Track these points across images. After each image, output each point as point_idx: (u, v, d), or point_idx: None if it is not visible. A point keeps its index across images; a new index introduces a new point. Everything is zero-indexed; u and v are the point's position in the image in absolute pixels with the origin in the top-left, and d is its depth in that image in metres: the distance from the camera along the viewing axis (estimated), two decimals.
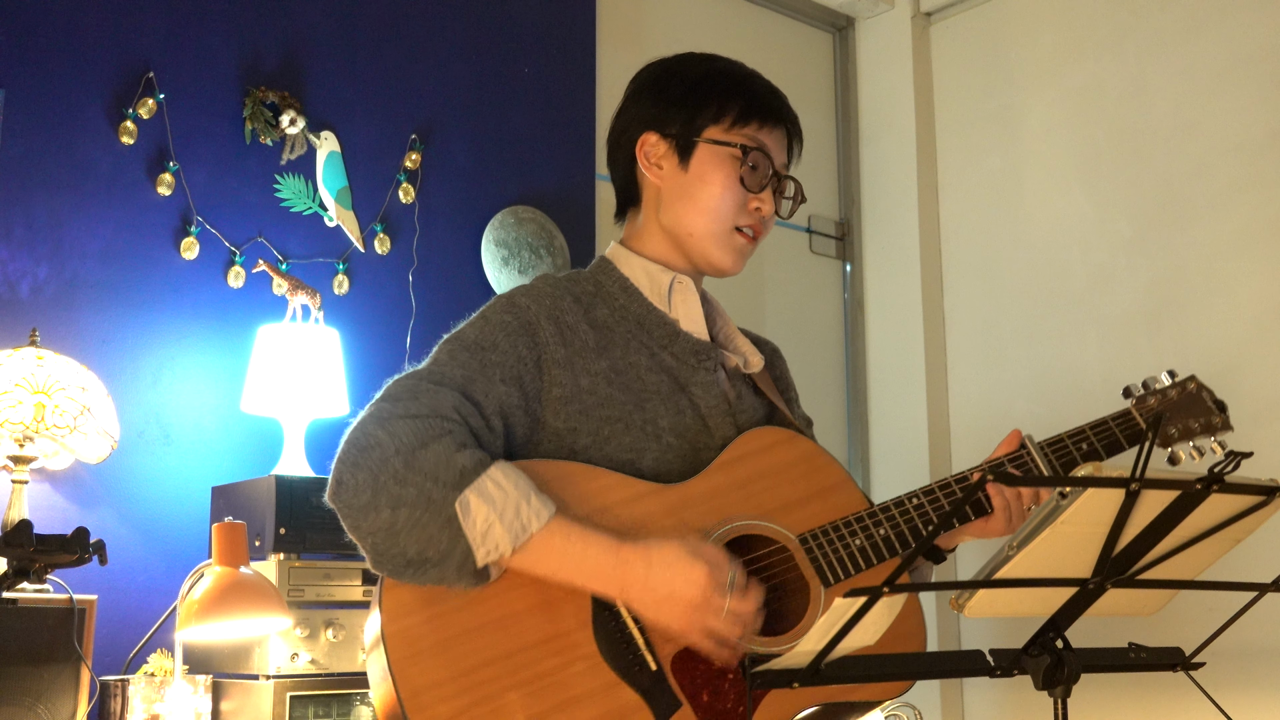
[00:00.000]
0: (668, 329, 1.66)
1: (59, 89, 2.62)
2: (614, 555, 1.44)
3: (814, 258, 4.05)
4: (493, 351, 1.54)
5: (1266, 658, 3.04)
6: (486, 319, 1.59)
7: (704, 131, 1.65)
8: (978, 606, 1.13)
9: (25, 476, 2.31)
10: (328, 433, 2.82)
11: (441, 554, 1.41)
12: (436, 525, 1.40)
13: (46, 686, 2.13)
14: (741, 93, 1.67)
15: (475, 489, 1.41)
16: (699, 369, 1.65)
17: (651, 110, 1.69)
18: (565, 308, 1.62)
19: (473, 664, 1.42)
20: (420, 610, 1.44)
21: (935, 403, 3.85)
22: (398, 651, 1.42)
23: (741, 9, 3.94)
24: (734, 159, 1.65)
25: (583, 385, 1.57)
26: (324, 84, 3.00)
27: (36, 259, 2.56)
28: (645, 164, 1.69)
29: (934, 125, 4.03)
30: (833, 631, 1.10)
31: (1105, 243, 3.55)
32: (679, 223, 1.67)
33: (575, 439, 1.56)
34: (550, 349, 1.57)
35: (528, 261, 3.23)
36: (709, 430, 1.63)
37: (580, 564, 1.44)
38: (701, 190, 1.65)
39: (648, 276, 1.69)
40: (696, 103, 1.66)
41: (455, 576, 1.43)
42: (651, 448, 1.58)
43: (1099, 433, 1.69)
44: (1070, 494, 1.04)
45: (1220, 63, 3.37)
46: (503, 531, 1.41)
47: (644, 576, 1.44)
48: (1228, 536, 1.14)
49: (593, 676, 1.44)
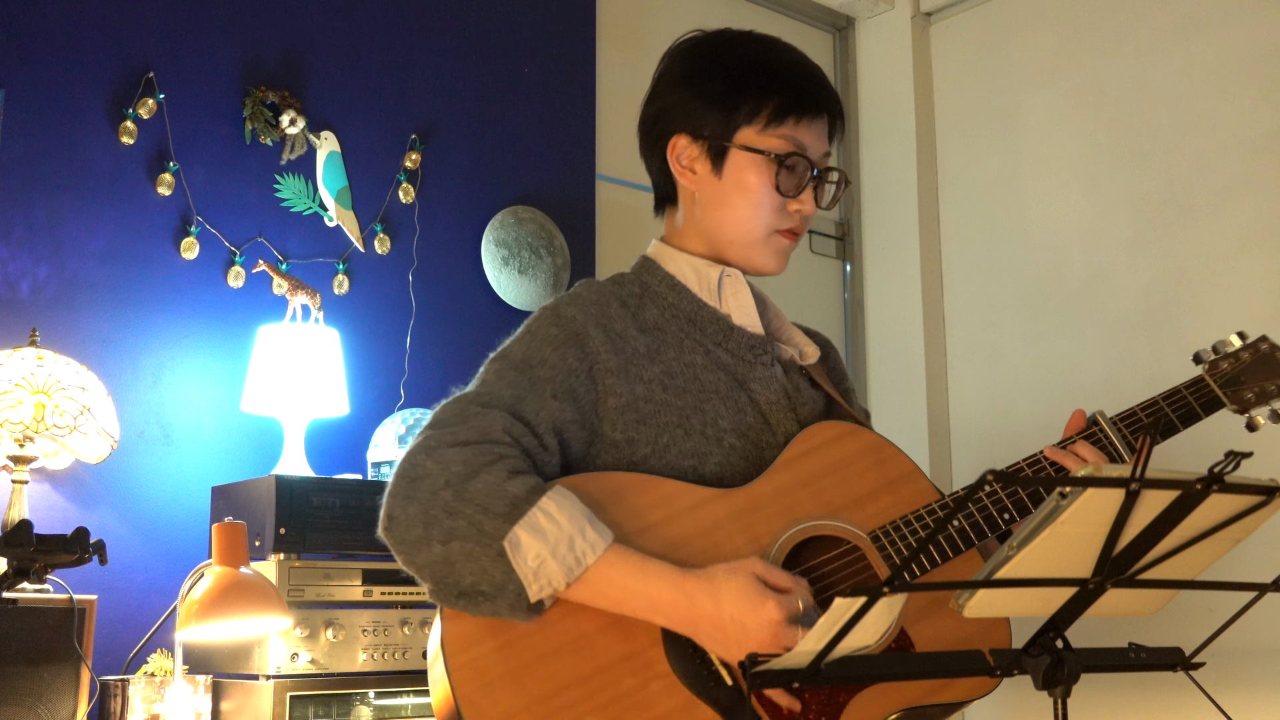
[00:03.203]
0: (721, 325, 1.61)
1: (59, 89, 2.62)
2: (679, 590, 1.38)
3: (814, 258, 4.06)
4: (541, 367, 1.49)
5: (1266, 658, 3.04)
6: (533, 334, 1.53)
7: (737, 135, 1.58)
8: (978, 606, 1.13)
9: (25, 476, 2.31)
10: (328, 433, 2.82)
11: (495, 587, 1.36)
12: (489, 558, 1.35)
13: (46, 686, 2.13)
14: (778, 88, 1.59)
15: (525, 524, 1.35)
16: (756, 364, 1.61)
17: (684, 106, 1.61)
18: (613, 314, 1.57)
19: (549, 690, 1.37)
20: (488, 639, 1.39)
21: (935, 403, 3.85)
22: (465, 685, 1.36)
23: (741, 9, 3.94)
24: (769, 165, 1.58)
25: (638, 393, 1.52)
26: (324, 84, 3.00)
27: (36, 259, 2.56)
28: (678, 168, 1.63)
29: (934, 125, 4.03)
30: (833, 631, 1.10)
31: (1105, 243, 3.55)
32: (718, 230, 1.62)
33: (634, 449, 1.51)
34: (602, 358, 1.51)
35: (528, 261, 3.23)
36: (770, 427, 1.58)
37: (644, 599, 1.39)
38: (737, 198, 1.59)
39: (695, 272, 1.64)
40: (730, 103, 1.59)
41: (509, 612, 1.38)
42: (714, 452, 1.53)
43: (1173, 402, 1.63)
44: (1070, 494, 1.04)
45: (1220, 63, 3.37)
46: (556, 567, 1.36)
47: (713, 614, 1.38)
48: (1228, 536, 1.14)
49: (670, 696, 1.39)
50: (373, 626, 2.35)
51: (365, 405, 2.89)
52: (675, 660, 1.41)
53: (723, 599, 1.37)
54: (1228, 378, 1.64)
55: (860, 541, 1.52)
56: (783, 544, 1.49)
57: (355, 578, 2.37)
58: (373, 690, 2.34)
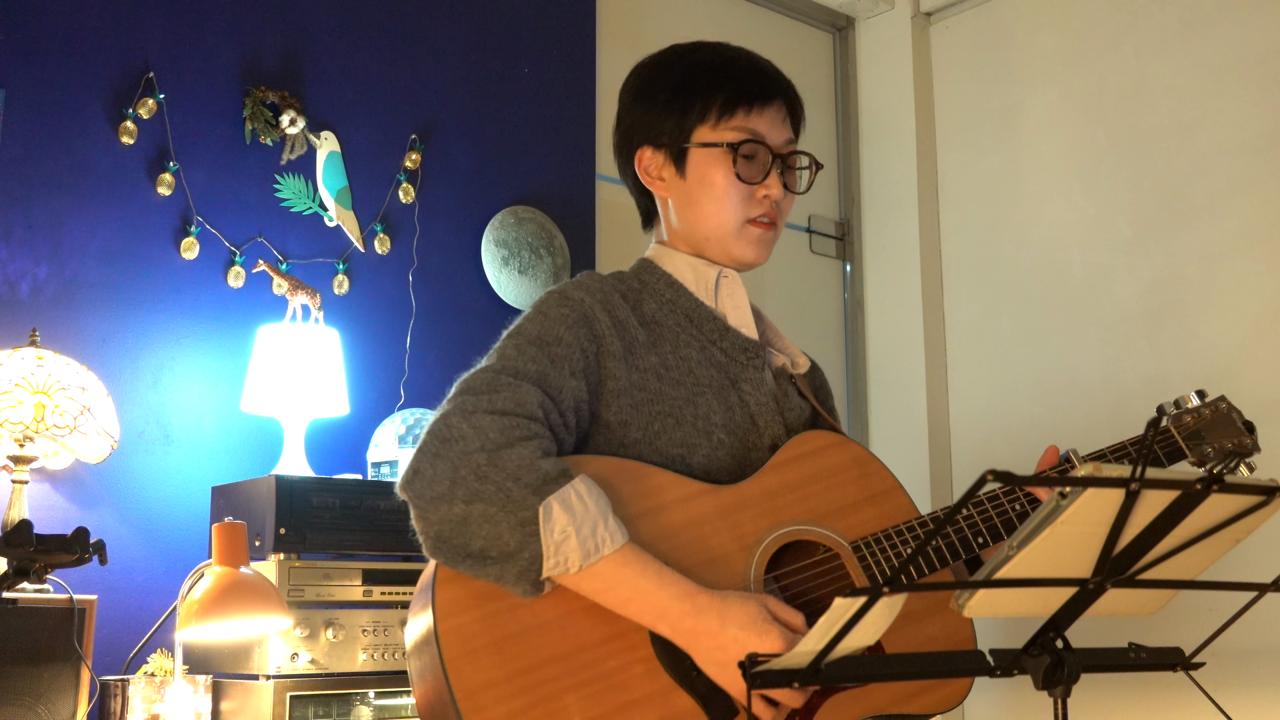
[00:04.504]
0: (717, 324, 1.66)
1: (59, 89, 2.62)
2: (690, 602, 1.41)
3: (814, 258, 4.05)
4: (558, 345, 1.51)
5: (1266, 658, 3.04)
6: (544, 314, 1.55)
7: (693, 135, 1.64)
8: (978, 606, 1.13)
9: (25, 476, 2.31)
10: (328, 433, 2.82)
11: (506, 554, 1.38)
12: (509, 525, 1.38)
13: (46, 686, 2.13)
14: (722, 84, 1.64)
15: (560, 497, 1.38)
16: (748, 366, 1.65)
17: (641, 121, 1.68)
18: (615, 303, 1.61)
19: (530, 663, 1.39)
20: (475, 608, 1.41)
21: (935, 403, 3.85)
22: (452, 649, 1.38)
23: (741, 9, 3.94)
24: (726, 156, 1.63)
25: (634, 380, 1.56)
26: (324, 84, 3.00)
27: (36, 259, 2.56)
28: (647, 180, 1.69)
29: (934, 125, 4.03)
30: (833, 631, 1.10)
31: (1105, 243, 3.55)
32: (693, 229, 1.67)
33: (626, 432, 1.54)
34: (607, 341, 1.55)
35: (528, 261, 3.23)
36: (758, 429, 1.62)
37: (652, 602, 1.41)
38: (703, 194, 1.64)
39: (693, 271, 1.68)
40: (680, 107, 1.64)
41: (514, 580, 1.40)
42: (702, 444, 1.57)
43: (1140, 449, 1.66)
44: (1070, 494, 1.04)
45: (1220, 63, 3.37)
46: (576, 546, 1.38)
47: (716, 633, 1.40)
48: (1228, 536, 1.14)
49: (650, 680, 1.42)
50: (373, 626, 2.35)
51: (365, 405, 2.89)
52: (658, 644, 1.44)
53: (729, 619, 1.40)
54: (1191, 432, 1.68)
55: (841, 550, 1.56)
56: (767, 545, 1.53)
57: (355, 578, 2.37)
58: (373, 690, 2.34)
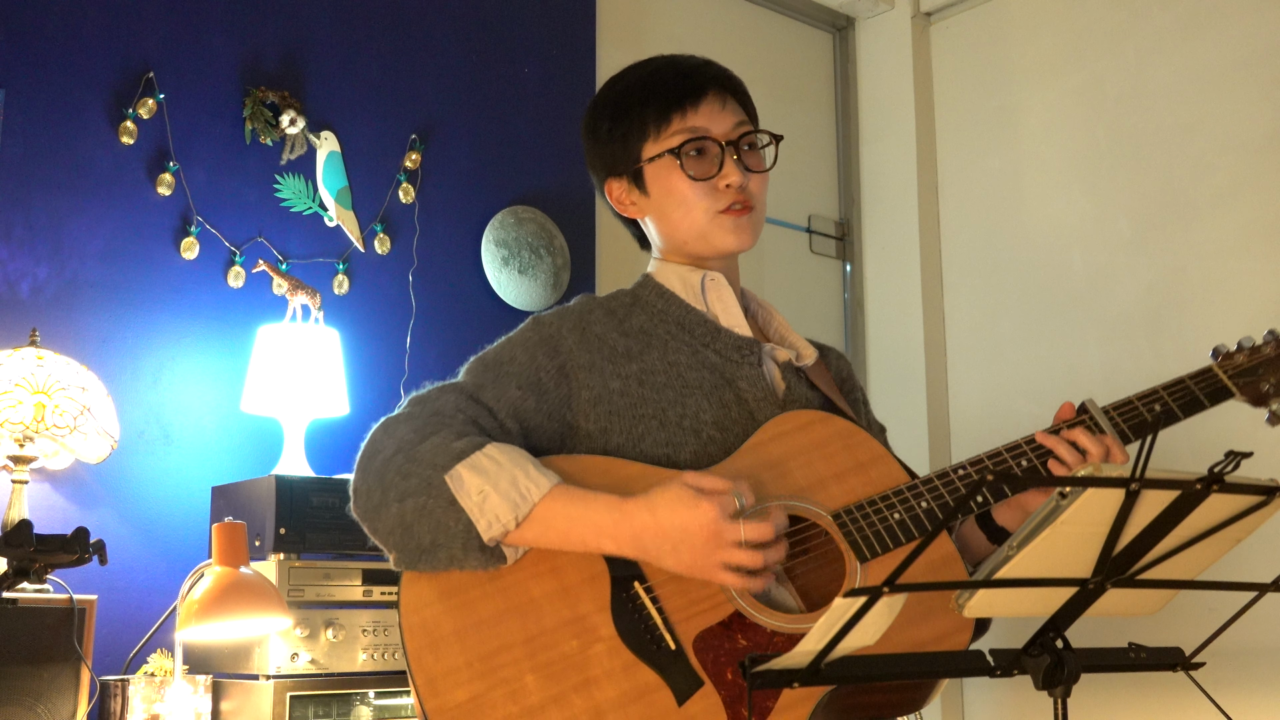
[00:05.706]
0: (708, 327, 1.69)
1: (59, 89, 2.63)
2: (618, 510, 1.46)
3: (814, 258, 4.05)
4: (510, 364, 1.60)
5: (1266, 658, 3.04)
6: (510, 339, 1.65)
7: (641, 154, 1.70)
8: (978, 606, 1.13)
9: (25, 476, 2.31)
10: (328, 433, 2.82)
11: (451, 535, 1.45)
12: (441, 508, 1.44)
13: (46, 686, 2.13)
14: (650, 98, 1.69)
15: (467, 463, 1.45)
16: (743, 364, 1.66)
17: (597, 157, 1.77)
18: (594, 320, 1.67)
19: (490, 649, 1.45)
20: (438, 601, 1.48)
21: (935, 402, 3.85)
22: (415, 641, 1.45)
23: (741, 9, 3.94)
24: (673, 161, 1.67)
25: (613, 388, 1.60)
26: (324, 84, 3.00)
27: (36, 259, 2.56)
28: (621, 208, 1.77)
29: (934, 125, 4.03)
30: (833, 631, 1.10)
31: (1105, 243, 3.55)
32: (673, 238, 1.72)
33: (608, 439, 1.58)
34: (575, 355, 1.61)
35: (528, 261, 3.23)
36: (757, 423, 1.63)
37: (587, 524, 1.46)
38: (667, 203, 1.69)
39: (680, 279, 1.73)
40: (622, 133, 1.71)
41: (463, 554, 1.45)
42: (689, 442, 1.59)
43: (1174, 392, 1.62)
44: (1070, 494, 1.04)
45: (1220, 63, 3.37)
46: (499, 500, 1.44)
47: (653, 524, 1.44)
48: (1228, 536, 1.14)
49: (611, 658, 1.45)
50: (373, 626, 2.35)
51: (365, 405, 2.89)
52: (621, 624, 1.47)
53: (658, 508, 1.45)
54: (1242, 369, 1.63)
55: (822, 521, 1.55)
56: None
57: (355, 578, 2.37)
58: (373, 690, 2.34)
